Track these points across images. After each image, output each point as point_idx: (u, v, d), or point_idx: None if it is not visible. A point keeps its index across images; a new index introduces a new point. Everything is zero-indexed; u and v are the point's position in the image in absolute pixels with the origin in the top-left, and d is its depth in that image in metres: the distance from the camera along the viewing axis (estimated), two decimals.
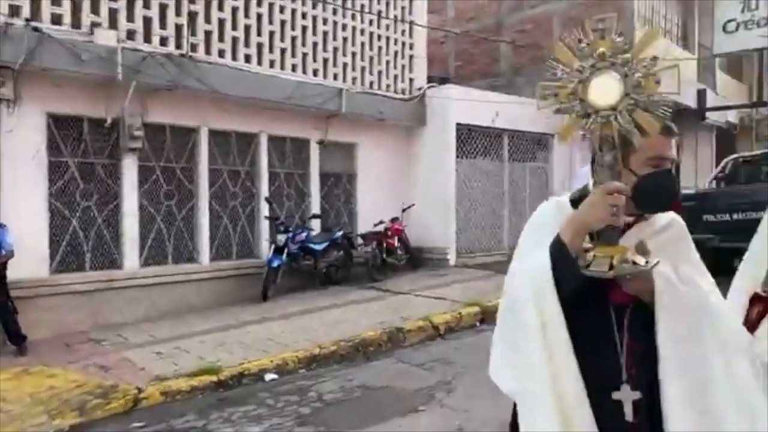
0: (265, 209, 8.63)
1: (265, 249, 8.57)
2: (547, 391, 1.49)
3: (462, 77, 13.23)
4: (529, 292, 1.53)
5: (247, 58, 8.33)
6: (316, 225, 9.20)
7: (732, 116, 17.39)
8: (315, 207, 9.40)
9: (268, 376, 5.37)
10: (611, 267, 1.42)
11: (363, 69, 9.87)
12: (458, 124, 10.45)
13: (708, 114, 15.53)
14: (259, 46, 8.48)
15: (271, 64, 8.60)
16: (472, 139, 10.85)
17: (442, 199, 10.39)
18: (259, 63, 8.46)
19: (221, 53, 8.02)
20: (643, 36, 1.47)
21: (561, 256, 1.49)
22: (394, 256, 9.82)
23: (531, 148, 11.98)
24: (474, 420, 4.21)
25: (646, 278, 1.47)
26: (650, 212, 1.61)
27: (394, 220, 9.90)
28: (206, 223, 8.11)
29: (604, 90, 1.43)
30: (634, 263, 1.43)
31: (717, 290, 1.61)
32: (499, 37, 13.83)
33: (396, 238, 9.86)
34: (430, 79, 10.95)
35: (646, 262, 1.44)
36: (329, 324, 6.74)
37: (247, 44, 8.33)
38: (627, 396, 1.51)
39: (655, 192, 1.54)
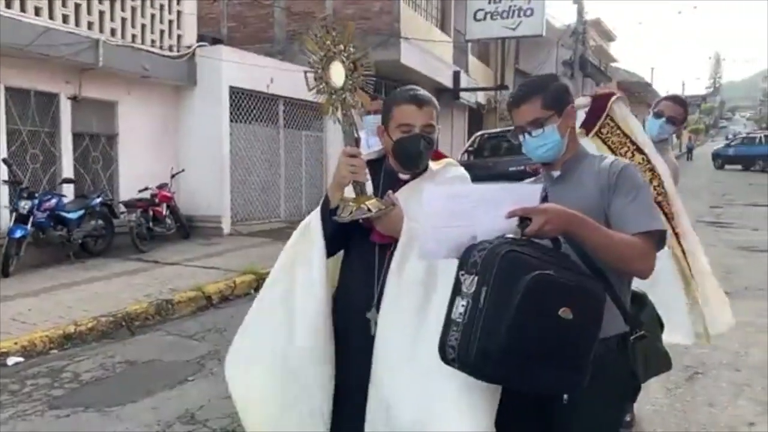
0: (3, 172, 7.46)
1: (6, 218, 7.45)
2: (286, 302, 1.91)
3: (235, 39, 12.81)
4: (300, 232, 1.97)
5: None
6: (68, 191, 8.24)
7: (481, 97, 19.60)
8: (67, 171, 8.39)
9: (12, 360, 4.72)
10: (351, 213, 1.80)
11: (124, 20, 8.98)
12: (232, 88, 10.12)
13: (462, 94, 17.30)
14: None
15: (8, 3, 7.37)
16: (247, 104, 10.62)
17: (216, 165, 10.03)
18: None
19: None
20: (346, 29, 1.81)
21: (323, 207, 1.90)
22: (162, 225, 9.25)
23: (306, 116, 12.13)
24: None
25: (392, 221, 1.81)
26: (408, 169, 1.93)
27: (161, 186, 9.30)
28: None
29: (337, 74, 1.80)
30: (369, 209, 1.78)
31: None
32: (272, 2, 13.63)
33: (164, 206, 9.29)
34: (201, 39, 10.39)
35: (379, 210, 1.79)
36: (87, 299, 6.14)
37: None
38: (373, 316, 1.87)
39: (402, 153, 1.90)
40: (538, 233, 1.52)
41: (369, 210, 1.78)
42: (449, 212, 1.59)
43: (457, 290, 1.51)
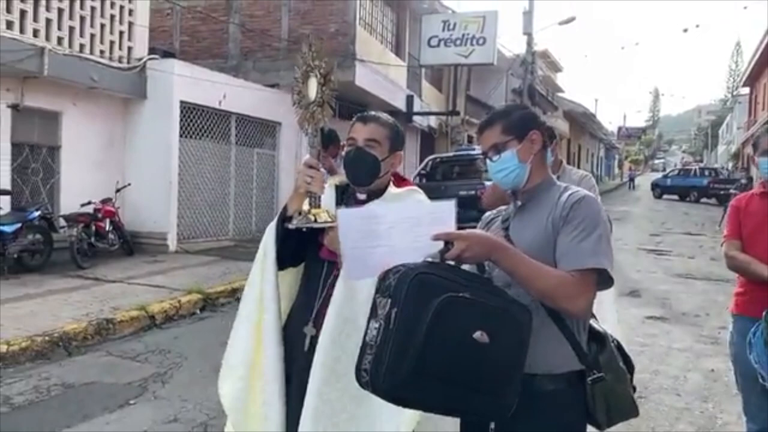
0: None
1: None
2: (252, 316, 1.97)
3: (187, 54, 12.63)
4: (262, 242, 2.00)
5: None
6: (5, 203, 7.87)
7: (433, 121, 19.90)
8: (4, 182, 8.02)
9: None
10: (298, 222, 1.85)
11: (72, 29, 8.73)
12: (182, 102, 9.95)
13: (415, 117, 17.52)
14: None
15: None
16: (198, 119, 10.44)
17: (164, 180, 9.79)
18: None
19: None
20: (312, 47, 1.91)
21: (279, 216, 1.95)
22: (105, 241, 8.93)
23: (259, 133, 12.02)
24: (191, 408, 4.06)
25: (337, 236, 1.73)
26: (355, 183, 1.96)
27: (105, 200, 9.00)
28: None
29: (312, 88, 1.89)
30: (316, 220, 1.82)
31: None
32: (228, 18, 13.53)
33: (107, 221, 8.98)
34: (152, 51, 10.19)
35: (325, 221, 1.83)
36: (20, 317, 5.82)
37: None
38: (309, 331, 1.91)
39: (344, 163, 1.96)
40: (458, 259, 1.49)
41: (315, 220, 1.82)
42: (362, 233, 1.58)
43: (373, 313, 1.48)
